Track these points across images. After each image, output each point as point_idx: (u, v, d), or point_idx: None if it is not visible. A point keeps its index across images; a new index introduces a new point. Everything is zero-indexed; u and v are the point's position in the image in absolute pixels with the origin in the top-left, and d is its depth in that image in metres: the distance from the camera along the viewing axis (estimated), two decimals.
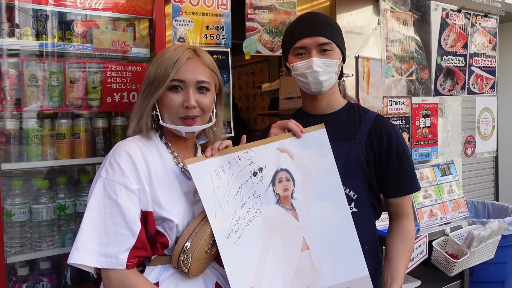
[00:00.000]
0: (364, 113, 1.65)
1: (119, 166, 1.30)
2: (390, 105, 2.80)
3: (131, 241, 1.26)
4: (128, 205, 1.27)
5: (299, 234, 1.43)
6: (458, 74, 3.19)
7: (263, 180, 1.42)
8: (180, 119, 1.39)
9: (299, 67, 1.57)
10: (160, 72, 1.38)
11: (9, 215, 1.76)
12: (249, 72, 5.70)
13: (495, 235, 3.04)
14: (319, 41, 1.54)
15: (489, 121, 3.51)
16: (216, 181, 1.36)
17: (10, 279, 1.80)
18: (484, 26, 3.36)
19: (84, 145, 1.90)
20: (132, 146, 1.36)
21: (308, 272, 1.41)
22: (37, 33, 1.83)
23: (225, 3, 2.17)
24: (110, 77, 1.92)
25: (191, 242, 1.30)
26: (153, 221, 1.32)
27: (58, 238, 1.88)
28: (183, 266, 1.29)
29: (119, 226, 1.26)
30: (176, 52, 1.41)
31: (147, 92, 1.42)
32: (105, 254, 1.25)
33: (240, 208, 1.39)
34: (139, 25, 2.07)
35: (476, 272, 3.35)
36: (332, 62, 1.56)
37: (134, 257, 1.26)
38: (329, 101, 1.65)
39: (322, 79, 1.55)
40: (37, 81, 1.79)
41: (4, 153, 1.74)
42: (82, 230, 1.26)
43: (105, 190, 1.28)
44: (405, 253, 1.57)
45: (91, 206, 1.28)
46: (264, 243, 1.40)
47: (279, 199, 1.43)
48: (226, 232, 1.34)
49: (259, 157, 1.42)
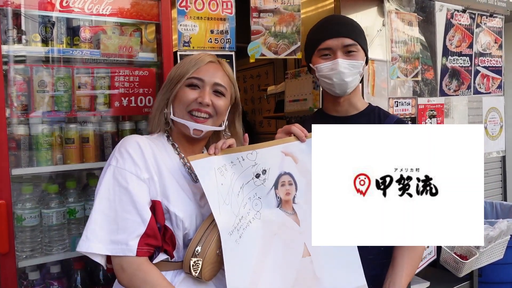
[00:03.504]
0: (385, 116, 1.64)
1: (130, 155, 1.30)
2: (396, 106, 2.80)
3: (142, 228, 1.25)
4: (138, 193, 1.27)
5: (301, 240, 1.40)
6: (464, 74, 3.19)
7: (265, 182, 1.40)
8: (189, 115, 1.40)
9: (324, 68, 1.57)
10: (181, 71, 1.42)
11: (20, 219, 1.78)
12: (254, 75, 5.71)
13: (504, 235, 3.02)
14: (344, 42, 1.54)
15: (496, 120, 3.49)
16: (219, 178, 1.35)
17: (21, 283, 1.81)
18: (489, 26, 3.35)
19: (93, 150, 1.92)
20: (142, 138, 1.38)
21: (309, 280, 1.38)
22: (45, 39, 1.85)
23: (230, 7, 2.18)
24: (117, 81, 1.94)
25: (202, 245, 1.29)
26: (161, 211, 1.32)
27: (68, 242, 1.89)
28: (195, 271, 1.28)
29: (129, 213, 1.26)
30: (199, 55, 1.46)
31: (165, 90, 1.46)
32: (114, 241, 1.24)
33: (242, 208, 1.37)
34: (145, 30, 2.09)
35: (486, 273, 3.33)
36: (357, 63, 1.55)
37: (144, 244, 1.25)
38: (351, 102, 1.64)
39: (348, 80, 1.55)
40: (46, 86, 1.82)
41: (15, 159, 1.76)
42: (91, 219, 1.26)
43: (115, 178, 1.28)
44: (410, 263, 1.53)
45: (101, 195, 1.28)
46: (263, 246, 1.37)
47: (280, 203, 1.41)
48: (229, 229, 1.32)
49: (263, 159, 1.41)
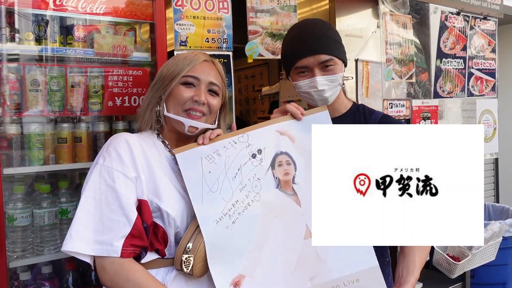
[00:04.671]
0: (369, 114, 1.64)
1: (117, 153, 1.29)
2: (390, 107, 2.81)
3: (127, 229, 1.23)
4: (125, 192, 1.25)
5: (302, 221, 1.36)
6: (458, 76, 3.20)
7: (262, 162, 1.37)
8: (185, 112, 1.39)
9: (303, 86, 1.56)
10: (174, 69, 1.40)
11: (11, 219, 1.75)
12: (249, 76, 5.71)
13: (496, 237, 3.04)
14: (320, 59, 1.51)
15: (490, 123, 3.52)
16: (207, 167, 1.33)
17: (12, 284, 1.79)
18: (483, 29, 3.38)
19: (86, 149, 1.90)
20: (131, 136, 1.36)
21: (312, 262, 1.35)
22: (39, 38, 1.83)
23: (226, 7, 2.18)
24: (111, 81, 1.93)
25: (193, 242, 1.28)
26: (148, 210, 1.30)
27: (60, 243, 1.87)
28: (186, 268, 1.27)
29: (115, 213, 1.24)
30: (192, 54, 1.45)
31: (157, 87, 1.43)
32: (99, 241, 1.22)
33: (239, 191, 1.34)
34: (139, 29, 2.08)
35: (478, 274, 3.35)
36: (336, 77, 1.54)
37: (129, 245, 1.23)
38: (334, 106, 1.63)
39: (327, 96, 1.54)
40: (39, 85, 1.80)
41: (6, 158, 1.74)
42: (76, 218, 1.24)
43: (101, 176, 1.27)
44: (421, 249, 1.48)
45: (87, 193, 1.26)
46: (263, 229, 1.34)
47: (279, 184, 1.38)
48: (215, 217, 1.30)
49: (257, 140, 1.38)
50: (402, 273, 1.45)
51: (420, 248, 1.50)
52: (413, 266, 1.44)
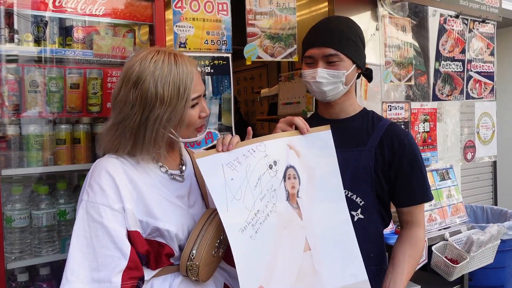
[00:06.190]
0: (378, 120, 1.64)
1: (100, 187, 1.23)
2: (389, 110, 2.81)
3: (123, 262, 1.20)
4: (114, 226, 1.21)
5: (303, 234, 1.39)
6: (457, 79, 3.21)
7: (277, 174, 1.39)
8: (196, 130, 1.38)
9: (306, 75, 1.58)
10: (178, 92, 1.27)
11: (9, 220, 1.75)
12: (248, 78, 5.72)
13: (494, 240, 3.04)
14: (325, 53, 1.53)
15: (488, 125, 3.52)
16: (229, 174, 1.30)
17: (10, 285, 1.79)
18: (481, 32, 3.38)
19: (84, 151, 1.90)
20: (113, 162, 1.28)
21: (309, 274, 1.38)
22: (38, 39, 1.83)
23: (225, 9, 2.18)
24: (110, 82, 1.93)
25: (196, 249, 1.26)
26: (140, 240, 1.26)
27: (58, 244, 1.87)
28: (192, 274, 1.26)
29: (107, 248, 1.20)
30: (185, 68, 1.30)
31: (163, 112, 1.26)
32: (97, 279, 1.18)
33: (259, 201, 1.33)
34: (139, 30, 2.08)
35: (476, 277, 3.35)
36: (338, 73, 1.54)
37: (128, 278, 1.20)
38: (342, 107, 1.64)
39: (325, 89, 1.56)
40: (38, 86, 1.80)
41: (5, 159, 1.74)
42: (70, 258, 1.20)
43: (88, 213, 1.22)
44: (411, 261, 1.54)
45: (76, 232, 1.22)
46: (276, 240, 1.35)
47: (288, 196, 1.40)
48: (240, 226, 1.27)
49: (272, 151, 1.39)
50: (389, 285, 1.50)
51: (410, 259, 1.54)
52: (400, 279, 1.49)
